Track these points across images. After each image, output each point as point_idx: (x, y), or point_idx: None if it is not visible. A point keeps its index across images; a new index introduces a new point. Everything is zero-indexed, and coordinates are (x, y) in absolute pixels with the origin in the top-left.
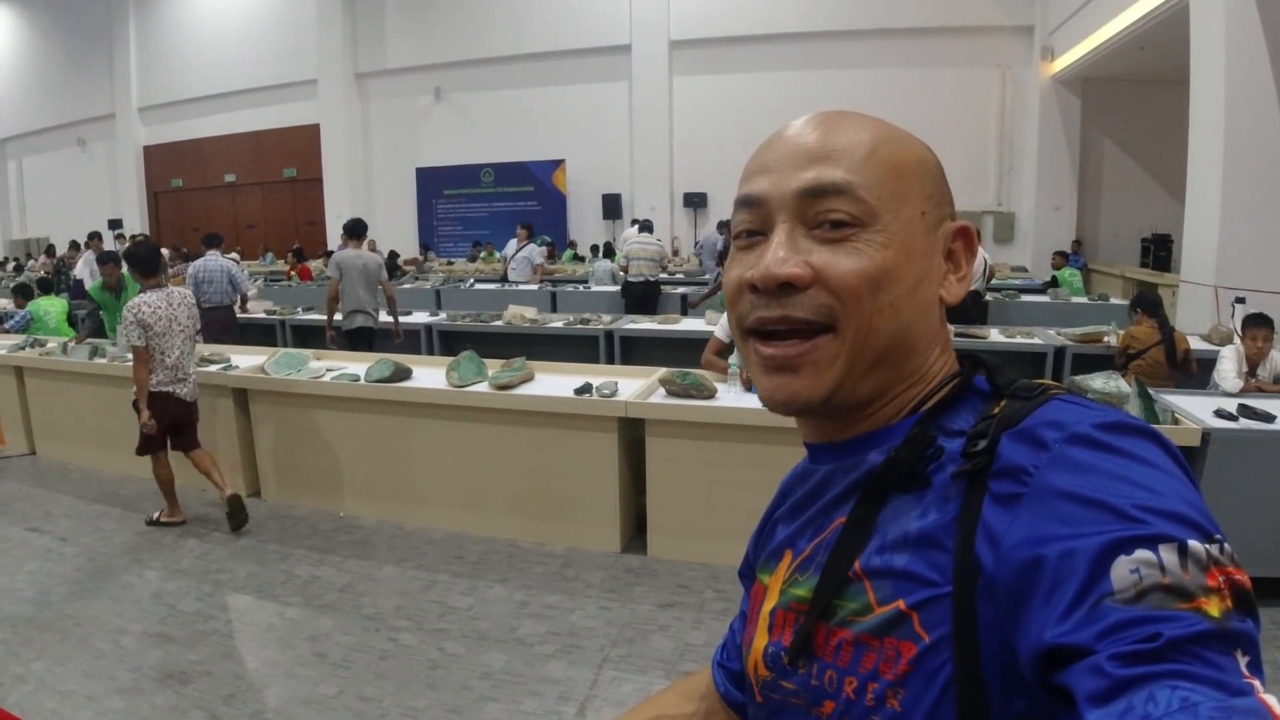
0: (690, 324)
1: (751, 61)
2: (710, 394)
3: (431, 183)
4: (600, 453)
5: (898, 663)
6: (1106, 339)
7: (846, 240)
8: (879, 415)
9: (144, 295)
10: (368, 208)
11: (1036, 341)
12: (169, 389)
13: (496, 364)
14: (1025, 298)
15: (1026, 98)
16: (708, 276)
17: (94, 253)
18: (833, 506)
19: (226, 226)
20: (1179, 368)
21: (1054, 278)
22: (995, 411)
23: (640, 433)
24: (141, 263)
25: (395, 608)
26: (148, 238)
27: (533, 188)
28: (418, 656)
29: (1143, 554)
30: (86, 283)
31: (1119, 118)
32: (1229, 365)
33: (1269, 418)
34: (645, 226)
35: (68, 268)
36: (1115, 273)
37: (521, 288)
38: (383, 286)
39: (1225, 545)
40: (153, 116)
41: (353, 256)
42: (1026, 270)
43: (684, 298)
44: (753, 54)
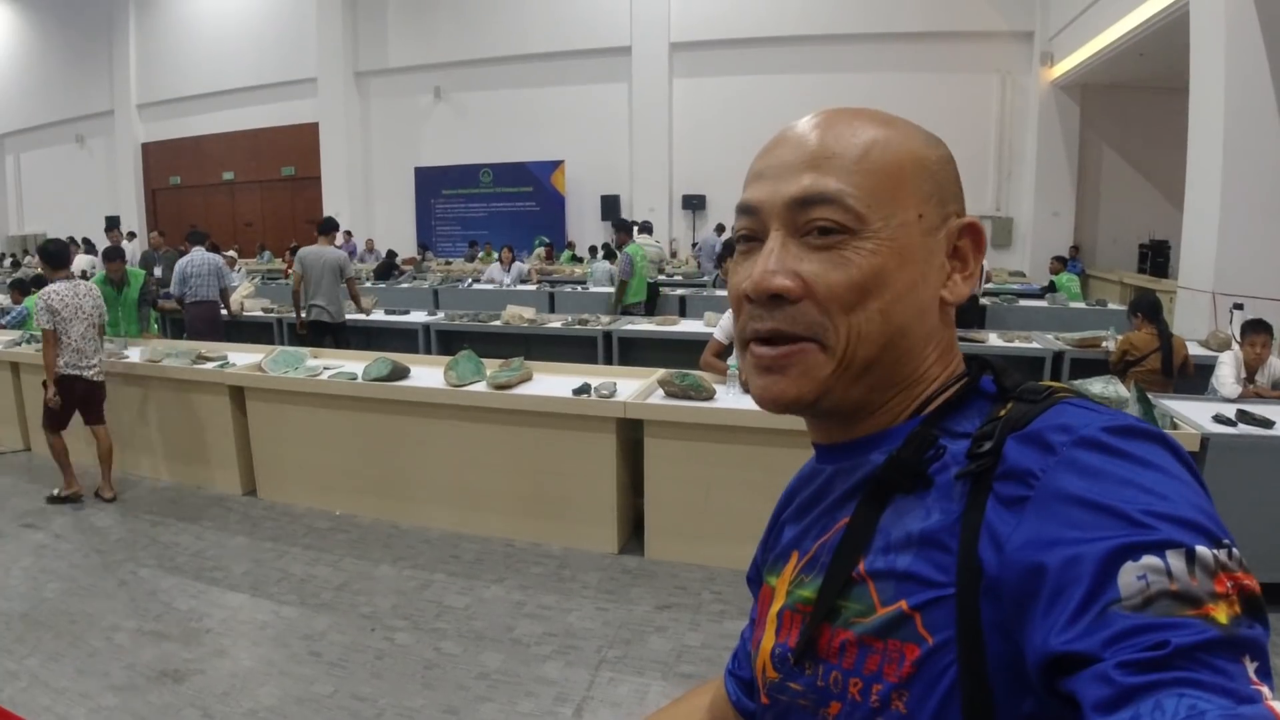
0: (688, 325)
1: (751, 64)
2: (709, 395)
3: (430, 182)
4: (598, 453)
5: (901, 664)
6: (1105, 344)
7: (835, 248)
8: (881, 416)
9: (53, 285)
10: (366, 206)
11: (1035, 346)
12: (76, 372)
13: (495, 363)
14: (1023, 302)
15: (1026, 103)
16: (706, 279)
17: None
18: (836, 507)
19: (225, 224)
20: (1179, 374)
21: (1052, 283)
22: (1002, 413)
23: (638, 434)
24: (51, 257)
25: (391, 607)
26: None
27: (532, 188)
28: (414, 656)
29: (1150, 560)
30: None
31: (1118, 124)
32: (1228, 371)
33: (1268, 423)
34: (645, 228)
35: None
36: (1113, 278)
37: (520, 288)
38: (347, 283)
39: (1234, 550)
40: (152, 114)
41: (316, 252)
42: (1024, 275)
43: (682, 299)
44: (753, 57)
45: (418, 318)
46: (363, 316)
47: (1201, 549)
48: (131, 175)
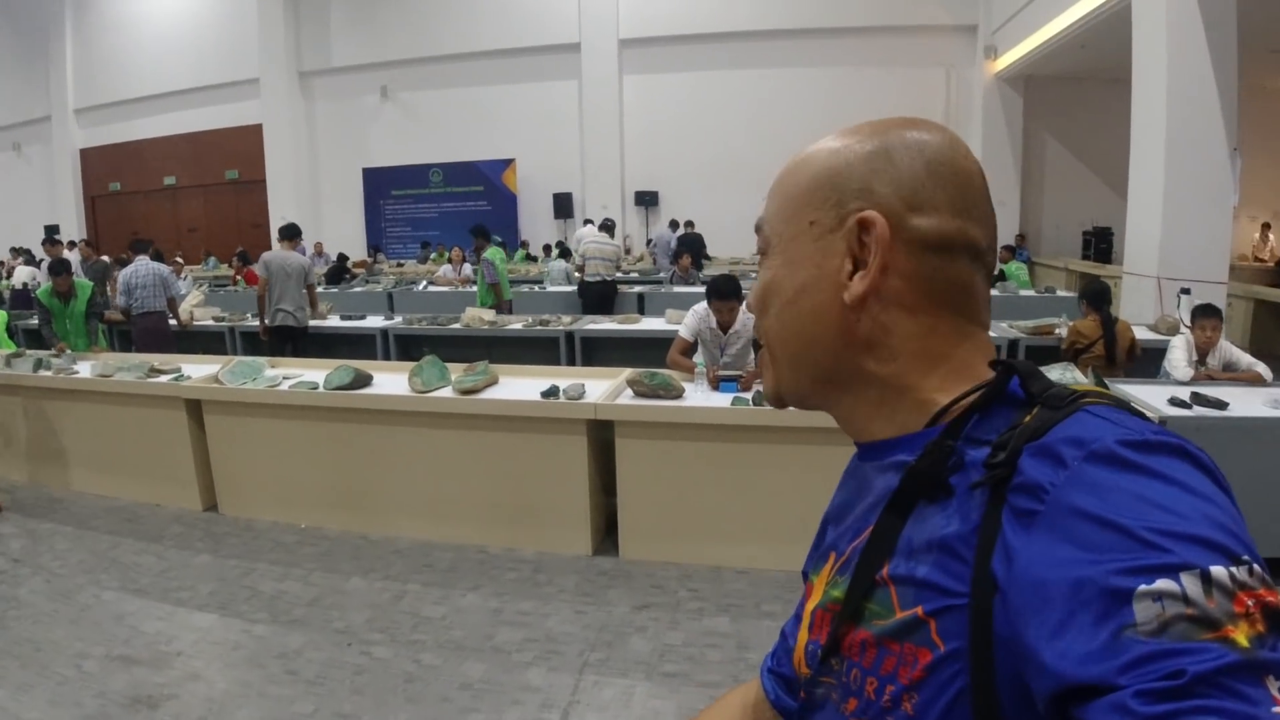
0: (650, 323)
1: (701, 60)
2: (678, 393)
3: (379, 183)
4: (569, 455)
5: (914, 667)
6: (1057, 330)
7: (762, 265)
8: (880, 420)
9: None
10: (313, 209)
11: (990, 335)
12: None
13: (459, 368)
14: None
15: (971, 96)
16: (662, 275)
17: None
18: (870, 510)
19: (167, 230)
20: (1128, 358)
21: (1002, 271)
22: (1025, 421)
23: (609, 434)
24: None
25: (366, 620)
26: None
27: (483, 187)
28: (394, 670)
29: (1164, 583)
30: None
31: (1060, 114)
32: (1180, 355)
33: (1221, 405)
34: (605, 226)
35: (7, 275)
36: (1059, 265)
37: (476, 289)
38: (308, 289)
39: (1255, 566)
40: (90, 118)
41: (280, 257)
42: None
43: (641, 297)
44: (702, 53)
45: (375, 322)
46: (320, 322)
47: (1217, 569)
48: (70, 182)
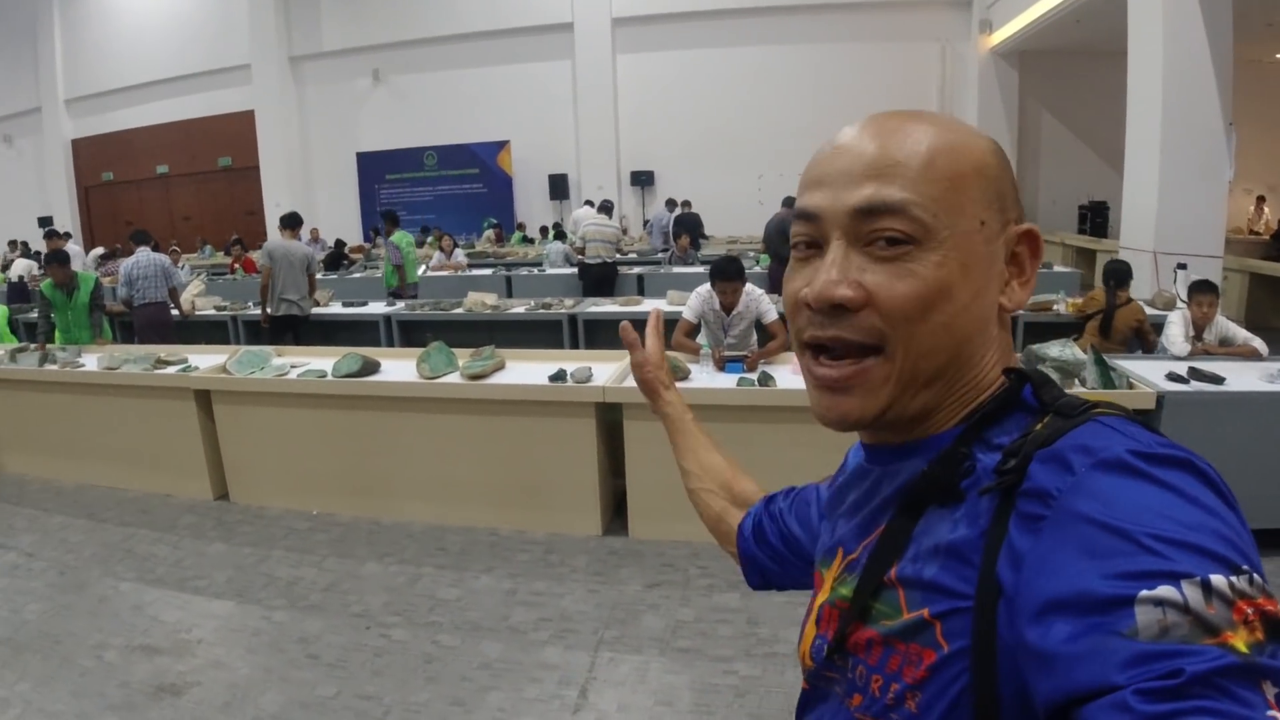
0: (652, 305)
1: (694, 38)
2: (684, 375)
3: (373, 167)
4: (578, 438)
5: (918, 667)
6: (1055, 307)
7: (900, 259)
8: (936, 422)
9: None
10: (307, 195)
11: None
12: None
13: (465, 353)
14: None
15: (965, 71)
16: (659, 255)
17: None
18: (880, 511)
19: (161, 219)
20: (1134, 338)
21: None
22: (1037, 429)
23: (617, 416)
24: None
25: (383, 604)
26: None
27: (478, 170)
28: (413, 651)
29: (1166, 590)
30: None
31: (1055, 89)
32: (1177, 330)
33: (1218, 379)
34: (604, 207)
35: (3, 268)
36: (1055, 240)
37: (475, 273)
38: (309, 277)
39: (1256, 576)
40: (80, 109)
41: (283, 246)
42: None
43: (640, 279)
44: (695, 30)
45: (377, 309)
46: (321, 309)
47: (1217, 578)
48: (62, 173)
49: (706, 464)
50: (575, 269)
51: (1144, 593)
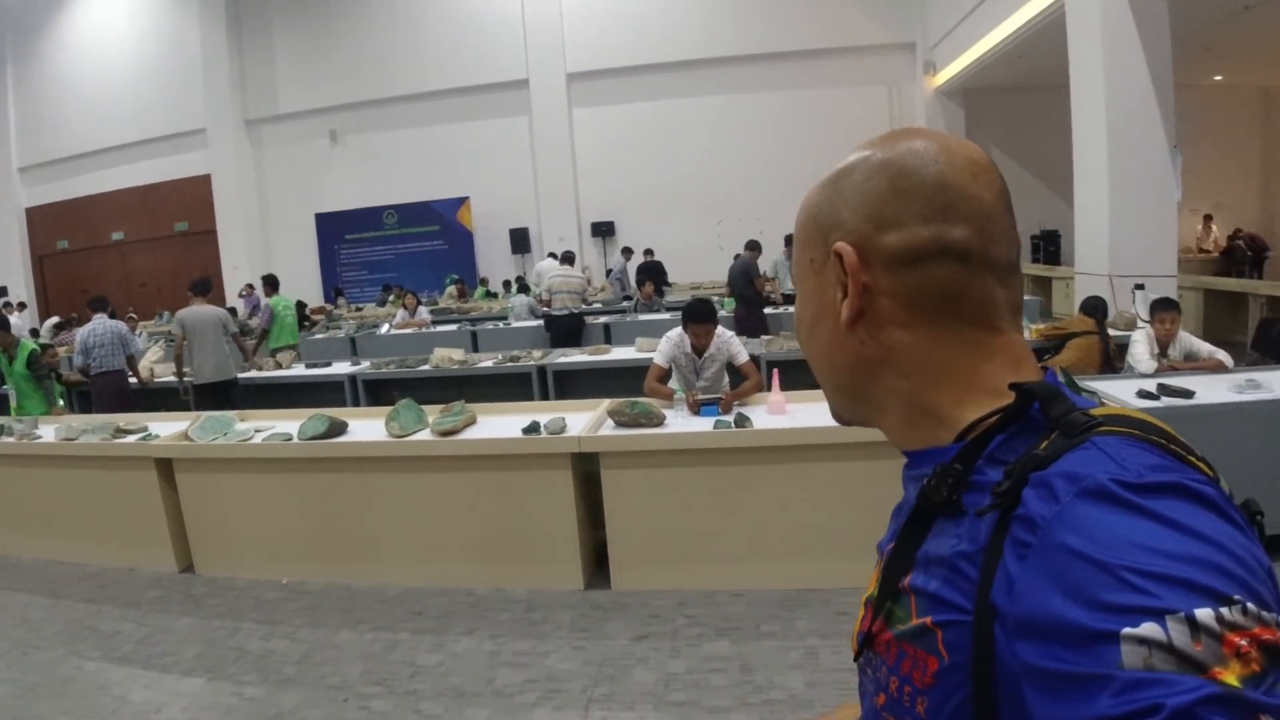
0: (620, 353)
1: (647, 90)
2: (660, 421)
3: (332, 227)
4: (555, 490)
5: (925, 673)
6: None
7: None
8: (909, 432)
9: None
10: (265, 257)
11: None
12: None
13: (435, 410)
14: None
15: (913, 110)
16: (624, 304)
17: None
18: (904, 515)
19: (117, 286)
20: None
21: None
22: (1041, 447)
23: (593, 466)
24: None
25: (361, 673)
26: None
27: (438, 227)
28: None
29: (1149, 628)
30: None
31: (1001, 123)
32: (1142, 348)
33: (1188, 394)
34: (566, 258)
35: None
36: None
37: (440, 329)
38: (233, 338)
39: (1249, 605)
40: (34, 176)
41: (194, 313)
42: None
43: (607, 328)
44: (649, 82)
45: (342, 369)
46: (283, 371)
47: (1203, 611)
48: (16, 242)
49: None
50: (541, 321)
51: (1127, 630)
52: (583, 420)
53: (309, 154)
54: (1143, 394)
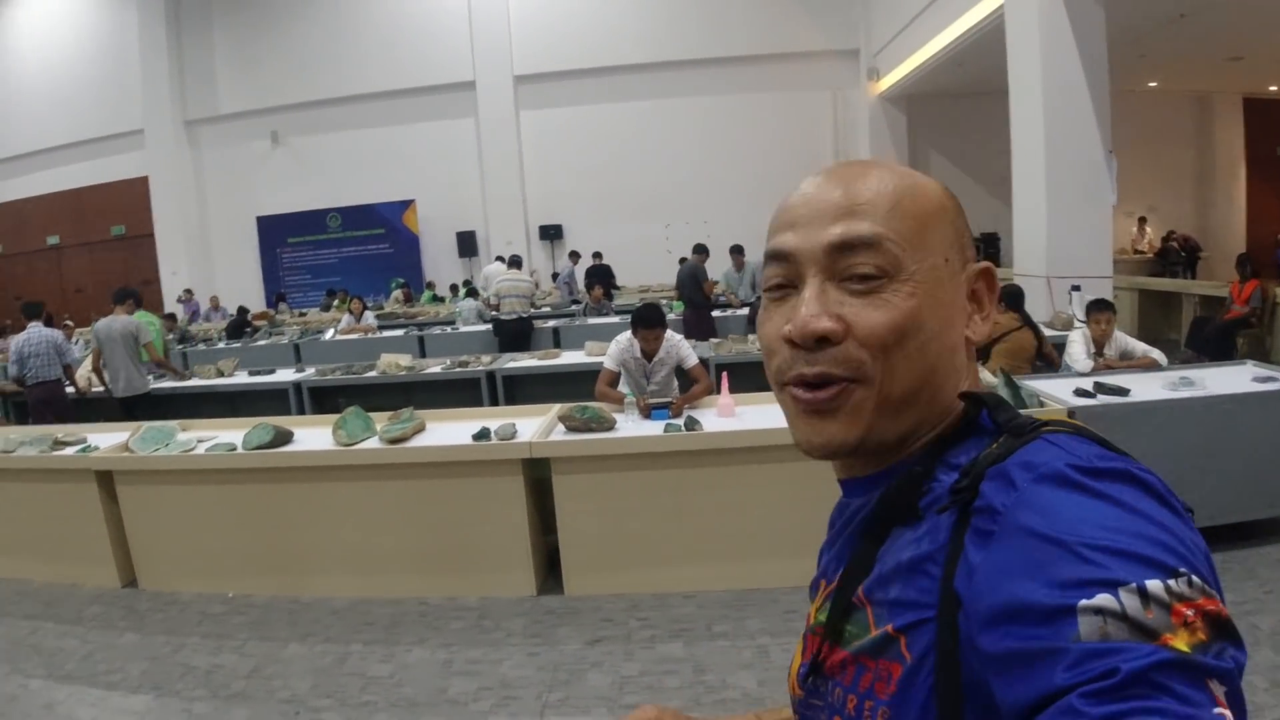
0: (570, 357)
1: (596, 93)
2: (610, 425)
3: (274, 231)
4: (506, 497)
5: (889, 683)
6: None
7: (875, 292)
8: (904, 451)
9: None
10: (205, 261)
11: None
12: None
13: (383, 417)
14: None
15: (856, 116)
16: (573, 307)
17: None
18: (852, 538)
19: (53, 292)
20: (1044, 358)
21: None
22: (992, 448)
23: (544, 472)
24: None
25: (311, 687)
26: None
27: (383, 230)
28: None
29: (1103, 598)
30: None
31: (943, 129)
32: (1078, 348)
33: (1123, 391)
34: (514, 262)
35: None
36: None
37: (386, 335)
38: (145, 348)
39: (1194, 578)
40: None
41: (105, 324)
42: None
43: (556, 332)
44: (597, 86)
45: (285, 376)
46: (225, 380)
47: (1153, 583)
48: None
49: None
50: (490, 325)
51: (1083, 602)
52: (533, 425)
53: (250, 155)
54: (1079, 392)
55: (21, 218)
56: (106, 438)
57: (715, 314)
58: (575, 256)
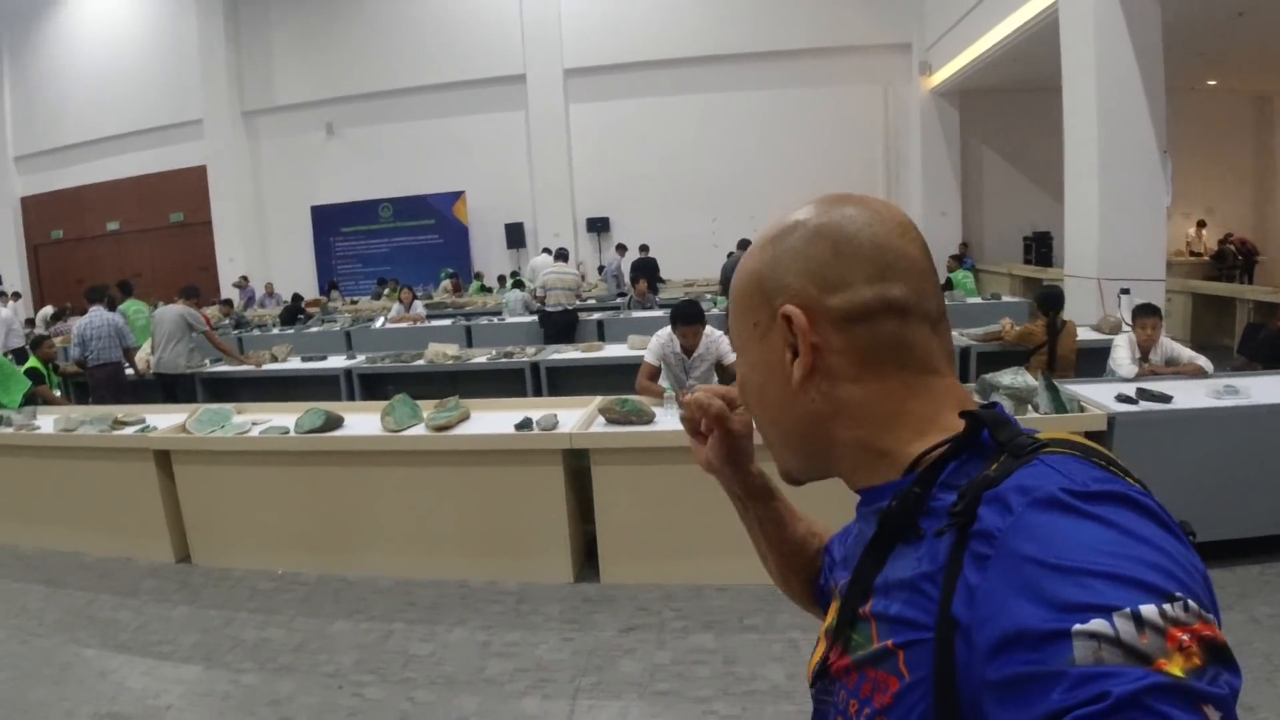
0: (613, 350)
1: (645, 86)
2: (650, 419)
3: (328, 220)
4: (547, 486)
5: (885, 694)
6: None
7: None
8: (864, 474)
9: None
10: (261, 249)
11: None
12: None
13: (430, 405)
14: None
15: (908, 111)
16: (618, 300)
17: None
18: (861, 547)
19: (112, 277)
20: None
21: (949, 280)
22: (991, 469)
23: (584, 462)
24: None
25: (355, 662)
26: None
27: (434, 220)
28: (389, 709)
29: (1097, 624)
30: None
31: (995, 125)
32: (1123, 353)
33: (1165, 399)
34: (560, 255)
35: None
36: (1002, 271)
37: (435, 324)
38: (205, 335)
39: (1190, 603)
40: (29, 166)
41: (160, 311)
42: None
43: (600, 324)
44: (646, 79)
45: (337, 363)
46: (280, 365)
47: (1148, 608)
48: (11, 232)
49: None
50: (535, 317)
51: (1078, 626)
52: (574, 417)
53: (305, 146)
54: (1121, 398)
55: (83, 204)
56: (165, 418)
57: None
58: (622, 249)
